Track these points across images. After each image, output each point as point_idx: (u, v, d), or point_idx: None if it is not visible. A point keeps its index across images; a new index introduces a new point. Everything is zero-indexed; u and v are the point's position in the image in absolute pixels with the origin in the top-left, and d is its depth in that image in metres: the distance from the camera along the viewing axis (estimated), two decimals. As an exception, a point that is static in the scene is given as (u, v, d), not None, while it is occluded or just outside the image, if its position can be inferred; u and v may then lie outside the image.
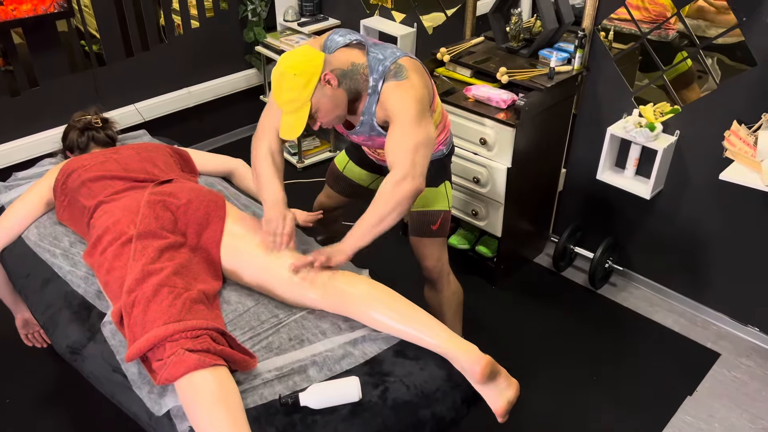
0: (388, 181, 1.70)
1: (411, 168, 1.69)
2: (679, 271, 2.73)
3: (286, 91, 1.69)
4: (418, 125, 1.72)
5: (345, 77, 1.75)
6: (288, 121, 1.72)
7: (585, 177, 2.84)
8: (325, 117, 1.76)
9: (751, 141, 2.21)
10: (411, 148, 1.69)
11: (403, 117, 1.72)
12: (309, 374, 1.58)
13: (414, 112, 1.72)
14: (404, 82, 1.74)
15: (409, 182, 1.68)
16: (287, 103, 1.70)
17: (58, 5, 2.89)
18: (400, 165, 1.69)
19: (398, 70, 1.75)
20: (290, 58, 1.70)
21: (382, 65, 1.76)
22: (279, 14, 3.63)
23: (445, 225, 2.10)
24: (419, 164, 1.70)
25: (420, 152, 1.71)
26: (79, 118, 2.25)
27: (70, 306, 1.80)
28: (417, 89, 1.75)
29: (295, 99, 1.69)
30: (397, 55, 1.78)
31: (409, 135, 1.70)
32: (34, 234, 2.02)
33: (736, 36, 2.20)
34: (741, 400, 2.36)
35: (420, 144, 1.71)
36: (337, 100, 1.75)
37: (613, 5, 2.46)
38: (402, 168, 1.69)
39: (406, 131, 1.71)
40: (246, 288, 1.83)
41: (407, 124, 1.71)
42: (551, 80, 2.48)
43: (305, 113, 1.71)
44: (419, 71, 1.79)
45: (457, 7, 2.98)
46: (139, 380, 1.57)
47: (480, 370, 1.56)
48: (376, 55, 1.78)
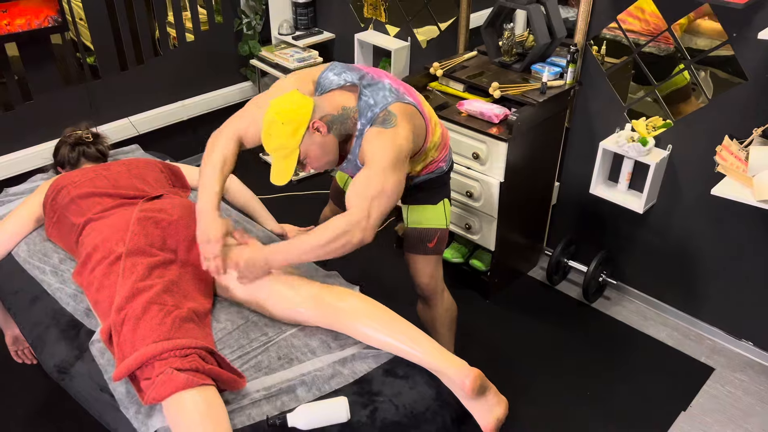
0: (339, 223, 1.67)
1: (365, 218, 1.67)
2: (672, 285, 2.72)
3: (275, 137, 1.69)
4: (384, 176, 1.68)
5: (335, 123, 1.74)
6: (278, 166, 1.72)
7: (578, 191, 2.84)
8: (315, 163, 1.76)
9: (743, 156, 2.21)
10: (371, 195, 1.67)
11: (375, 163, 1.69)
12: (297, 394, 1.57)
13: (387, 160, 1.69)
14: (389, 131, 1.72)
15: (359, 233, 1.66)
16: (276, 149, 1.70)
17: (52, 20, 2.90)
18: (356, 211, 1.67)
19: (386, 118, 1.73)
20: (280, 105, 1.70)
21: (371, 111, 1.75)
22: (274, 28, 3.64)
23: (441, 243, 2.09)
24: (374, 216, 1.68)
25: (378, 202, 1.68)
26: (70, 133, 2.25)
27: (58, 324, 1.79)
28: (399, 139, 1.71)
29: (283, 146, 1.69)
30: (389, 101, 1.75)
31: (375, 181, 1.68)
32: (24, 250, 2.01)
33: (727, 50, 2.21)
34: (735, 415, 2.35)
35: (382, 193, 1.68)
36: (327, 147, 1.74)
37: (605, 20, 2.47)
38: (357, 214, 1.66)
39: (373, 177, 1.68)
40: (235, 305, 1.83)
41: (376, 171, 1.68)
42: (544, 95, 2.48)
43: (293, 160, 1.70)
44: (409, 118, 1.76)
45: (451, 21, 2.99)
46: (127, 400, 1.56)
47: (469, 384, 1.55)
48: (367, 100, 1.76)
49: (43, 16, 2.87)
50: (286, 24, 3.60)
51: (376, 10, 3.31)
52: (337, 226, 1.67)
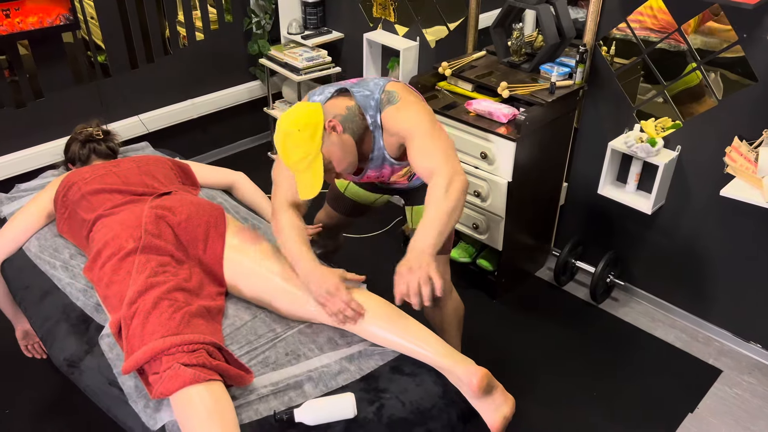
0: (438, 186, 1.63)
1: (452, 168, 1.65)
2: (680, 286, 2.71)
3: (294, 148, 1.64)
4: (438, 131, 1.70)
5: (346, 121, 1.72)
6: (304, 180, 1.67)
7: (586, 191, 2.84)
8: (340, 165, 1.71)
9: (752, 157, 2.21)
10: (441, 153, 1.67)
11: (419, 129, 1.69)
12: (305, 390, 1.58)
13: (427, 122, 1.70)
14: (401, 104, 1.73)
15: (457, 180, 1.64)
16: (299, 161, 1.65)
17: (64, 18, 2.92)
18: (440, 170, 1.65)
19: (390, 97, 1.74)
20: (289, 117, 1.67)
21: (373, 99, 1.75)
22: (283, 27, 3.65)
23: (448, 242, 2.09)
24: (456, 162, 1.68)
25: (451, 153, 1.68)
26: (81, 130, 2.27)
27: (68, 318, 1.81)
28: (417, 104, 1.74)
29: (305, 154, 1.64)
30: (381, 84, 1.76)
31: (433, 143, 1.68)
32: (35, 246, 2.03)
33: (737, 52, 2.20)
34: (742, 418, 2.34)
35: (447, 148, 1.68)
36: (346, 145, 1.71)
37: (615, 20, 2.47)
38: (443, 171, 1.65)
39: (427, 141, 1.68)
40: (243, 302, 1.84)
41: (427, 134, 1.69)
42: (552, 95, 2.48)
43: (319, 166, 1.65)
44: (408, 90, 1.79)
45: (460, 21, 3.00)
46: (135, 394, 1.57)
47: (476, 383, 1.55)
48: (362, 93, 1.76)
49: (55, 14, 2.89)
50: (296, 23, 3.61)
51: (385, 10, 3.31)
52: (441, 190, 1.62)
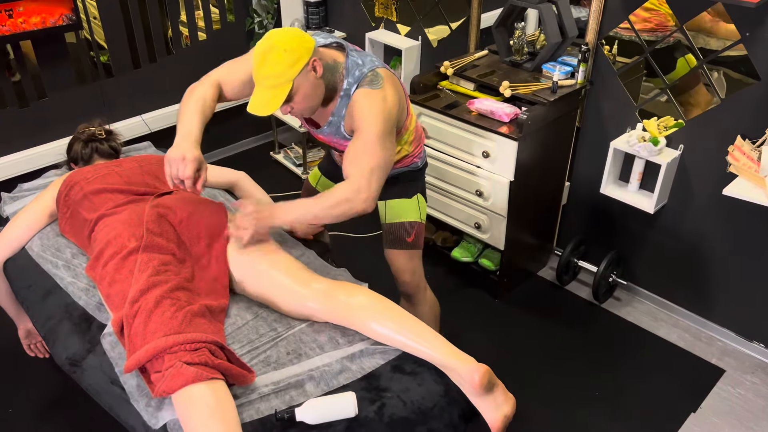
0: (341, 191, 1.70)
1: (366, 187, 1.69)
2: (683, 285, 2.71)
3: (272, 64, 1.62)
4: (380, 145, 1.70)
5: (328, 70, 1.73)
6: (263, 96, 1.65)
7: (589, 190, 2.83)
8: (301, 104, 1.71)
9: (755, 156, 2.20)
10: (370, 166, 1.69)
11: (367, 132, 1.70)
12: (306, 389, 1.58)
13: (379, 129, 1.70)
14: (377, 92, 1.72)
15: (359, 203, 1.69)
16: (268, 77, 1.64)
17: (67, 18, 2.93)
18: (356, 180, 1.69)
19: (374, 78, 1.74)
20: (282, 35, 1.65)
21: (359, 70, 1.75)
22: (285, 27, 3.65)
23: (419, 237, 2.10)
24: (372, 188, 1.70)
25: (377, 173, 1.71)
26: (84, 129, 2.28)
27: (70, 317, 1.81)
28: (388, 102, 1.73)
29: (278, 75, 1.63)
30: (376, 64, 1.77)
31: (370, 154, 1.70)
32: (37, 245, 2.03)
33: (739, 50, 2.20)
34: (745, 418, 2.33)
35: (377, 167, 1.70)
36: (317, 90, 1.72)
37: (617, 19, 2.47)
38: (356, 185, 1.69)
39: (368, 149, 1.70)
40: (245, 301, 1.84)
41: (370, 142, 1.70)
42: (554, 94, 2.48)
43: (284, 92, 1.65)
44: (395, 85, 1.78)
45: (462, 20, 3.00)
46: (137, 393, 1.57)
47: (478, 380, 1.55)
48: (355, 60, 1.77)
49: (57, 14, 2.90)
50: (298, 23, 3.61)
51: (387, 10, 3.32)
52: (340, 195, 1.70)
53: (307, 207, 1.76)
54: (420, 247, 2.12)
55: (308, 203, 1.76)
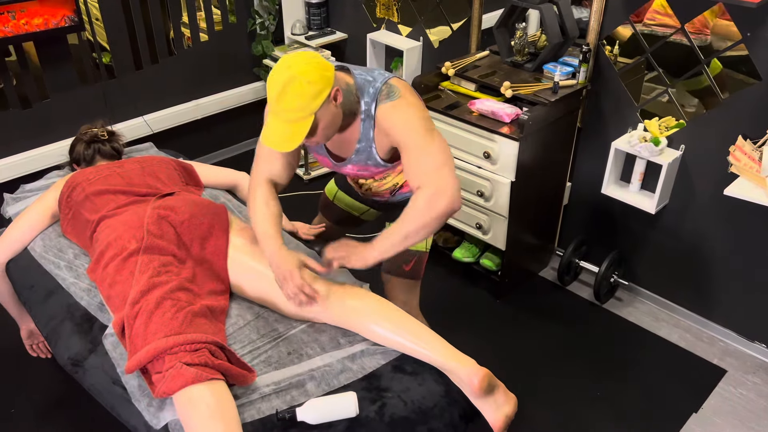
0: (420, 197, 1.59)
1: (443, 184, 1.58)
2: (685, 286, 2.70)
3: (293, 97, 1.51)
4: (432, 143, 1.61)
5: (345, 96, 1.64)
6: (283, 131, 1.55)
7: (590, 191, 2.83)
8: (321, 135, 1.61)
9: (756, 156, 2.20)
10: (435, 167, 1.59)
11: (412, 139, 1.61)
12: (307, 389, 1.58)
13: (422, 130, 1.61)
14: (399, 102, 1.64)
15: (444, 198, 1.58)
16: (289, 110, 1.53)
17: (69, 19, 2.94)
18: (427, 185, 1.59)
19: (390, 90, 1.65)
20: (302, 64, 1.53)
21: (373, 87, 1.66)
22: (287, 28, 3.66)
23: (418, 267, 2.01)
24: (451, 181, 1.59)
25: (444, 169, 1.60)
26: (86, 131, 2.29)
27: (72, 318, 1.82)
28: (415, 106, 1.65)
29: (300, 108, 1.52)
30: (386, 76, 1.68)
31: (428, 155, 1.60)
32: (40, 245, 2.04)
33: (740, 50, 2.19)
34: (747, 418, 2.33)
35: (441, 162, 1.60)
36: (337, 118, 1.62)
37: (618, 19, 2.47)
38: (430, 187, 1.59)
39: (423, 152, 1.60)
40: (246, 301, 1.84)
41: (421, 146, 1.60)
42: (555, 94, 2.48)
43: (306, 126, 1.54)
44: (411, 90, 1.70)
45: (463, 21, 3.00)
46: (139, 393, 1.58)
47: (478, 383, 1.55)
48: (364, 77, 1.67)
49: (60, 15, 2.91)
50: (299, 24, 3.62)
51: (388, 10, 3.32)
52: (421, 203, 1.59)
53: (393, 240, 1.63)
54: (418, 278, 2.03)
55: (394, 228, 1.63)
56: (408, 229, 1.62)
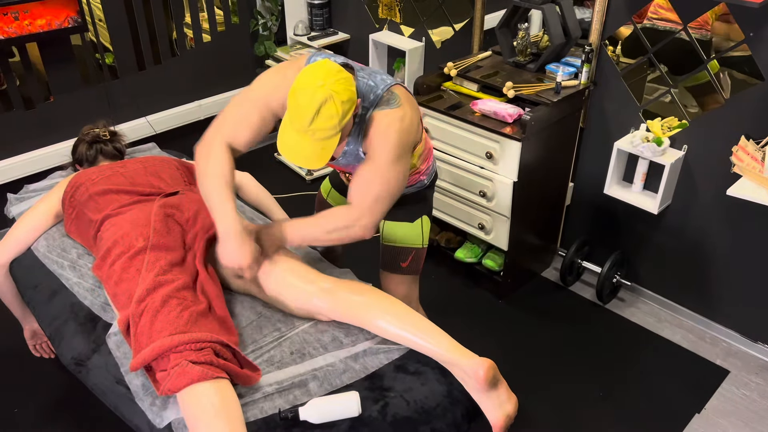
0: (341, 216, 1.68)
1: (365, 217, 1.66)
2: (687, 286, 2.70)
3: (328, 118, 1.49)
4: (391, 172, 1.64)
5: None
6: (312, 149, 1.53)
7: (593, 191, 2.83)
8: (341, 146, 1.68)
9: (759, 156, 2.20)
10: (372, 197, 1.65)
11: (379, 157, 1.63)
12: (309, 388, 1.58)
13: (392, 155, 1.62)
14: (395, 111, 1.63)
15: (358, 230, 1.68)
16: (323, 129, 1.50)
17: (72, 20, 2.94)
18: (358, 207, 1.67)
19: (391, 98, 1.64)
20: (334, 82, 1.50)
21: (374, 93, 1.64)
22: (289, 28, 3.67)
23: (416, 262, 2.03)
24: (374, 216, 1.67)
25: (380, 203, 1.67)
26: (88, 131, 2.29)
27: (76, 318, 1.82)
28: (405, 122, 1.63)
29: (333, 127, 1.50)
30: (388, 82, 1.66)
31: (378, 181, 1.64)
32: (43, 245, 2.04)
33: (743, 50, 2.19)
34: (750, 419, 2.33)
35: (383, 196, 1.65)
36: (350, 128, 1.64)
37: (620, 20, 2.47)
38: (357, 212, 1.67)
39: (377, 175, 1.64)
40: (249, 301, 1.85)
41: (380, 168, 1.63)
42: (558, 94, 2.48)
43: (336, 141, 1.53)
44: (411, 101, 1.69)
45: (465, 21, 3.00)
46: (142, 392, 1.58)
47: (483, 374, 1.55)
48: (366, 81, 1.66)
49: (63, 16, 2.92)
50: (302, 25, 3.62)
51: (390, 11, 3.32)
52: (339, 221, 1.69)
53: (309, 228, 1.74)
54: (416, 273, 2.05)
55: (311, 224, 1.74)
56: (316, 234, 1.72)
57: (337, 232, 1.69)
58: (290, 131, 1.54)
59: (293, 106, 1.52)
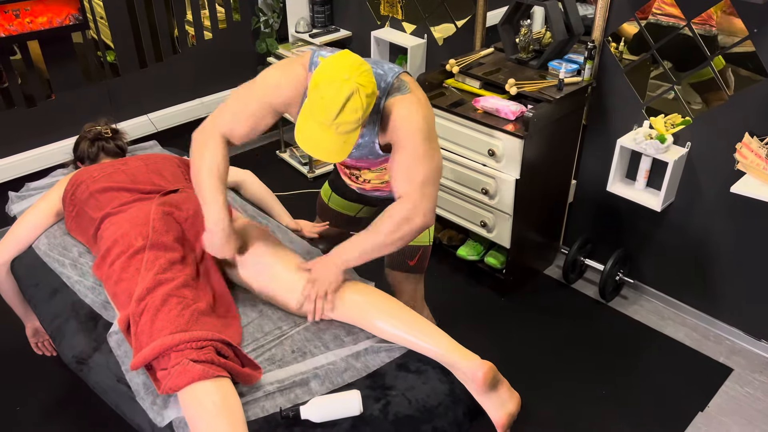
0: (396, 212, 1.61)
1: (421, 203, 1.61)
2: (691, 284, 2.69)
3: (353, 111, 1.46)
4: (427, 154, 1.60)
5: None
6: (336, 142, 1.50)
7: (595, 189, 2.82)
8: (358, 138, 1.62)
9: (763, 153, 2.18)
10: (420, 181, 1.60)
11: (410, 142, 1.59)
12: (311, 387, 1.58)
13: (422, 136, 1.59)
14: (409, 96, 1.61)
15: (418, 219, 1.61)
16: (347, 123, 1.47)
17: (74, 18, 2.94)
18: (409, 198, 1.61)
19: (401, 85, 1.63)
20: (359, 75, 1.47)
21: (384, 81, 1.62)
22: (291, 26, 3.66)
23: (423, 260, 2.01)
24: (429, 200, 1.62)
25: (429, 186, 1.61)
26: (90, 128, 2.29)
27: (77, 316, 1.82)
28: (423, 105, 1.62)
29: (356, 120, 1.48)
30: (396, 70, 1.65)
31: (418, 165, 1.59)
32: (44, 244, 2.04)
33: (747, 47, 2.18)
34: (754, 417, 2.32)
35: (429, 178, 1.61)
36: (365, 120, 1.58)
37: (624, 16, 2.45)
38: (411, 202, 1.61)
39: (416, 160, 1.59)
40: (250, 300, 1.84)
41: (415, 153, 1.59)
42: (560, 91, 2.47)
43: (357, 134, 1.51)
44: (419, 88, 1.67)
45: (468, 18, 2.99)
46: (143, 391, 1.58)
47: (482, 376, 1.55)
48: (376, 71, 1.64)
49: (64, 14, 2.91)
50: (303, 22, 3.62)
51: (392, 8, 3.31)
52: (397, 216, 1.61)
53: (366, 241, 1.66)
54: (422, 271, 2.04)
55: (365, 237, 1.66)
56: (379, 242, 1.64)
57: (399, 231, 1.62)
58: (312, 124, 1.50)
59: (317, 99, 1.48)
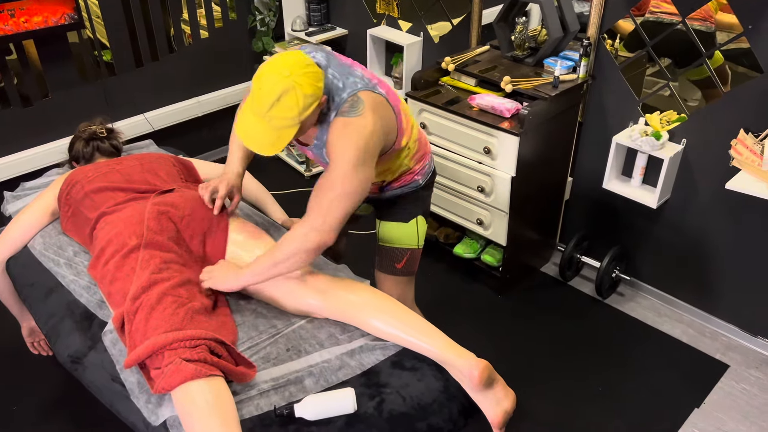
0: (297, 229, 1.62)
1: (321, 222, 1.59)
2: (687, 280, 2.69)
3: (288, 108, 1.50)
4: (352, 174, 1.58)
5: None
6: (268, 136, 1.53)
7: (591, 186, 2.82)
8: (299, 137, 1.64)
9: (758, 150, 2.18)
10: (330, 199, 1.59)
11: (337, 165, 1.59)
12: (305, 385, 1.58)
13: (352, 161, 1.58)
14: (355, 122, 1.59)
15: (314, 236, 1.59)
16: (281, 119, 1.51)
17: (69, 17, 2.93)
18: (312, 215, 1.61)
19: (354, 104, 1.60)
20: (300, 75, 1.50)
21: (339, 96, 1.62)
22: (287, 24, 3.65)
23: (411, 263, 2.01)
24: (332, 218, 1.60)
25: (338, 203, 1.59)
26: (85, 128, 2.28)
27: (72, 315, 1.82)
28: (366, 131, 1.59)
29: (292, 118, 1.51)
30: (358, 87, 1.62)
31: (334, 185, 1.59)
32: (39, 243, 2.04)
33: (742, 43, 2.18)
34: (750, 413, 2.32)
35: (340, 196, 1.59)
36: (314, 120, 1.61)
37: (619, 13, 2.45)
38: (312, 219, 1.60)
39: (334, 181, 1.59)
40: (244, 298, 1.84)
41: (337, 177, 1.59)
42: (556, 89, 2.47)
43: (293, 133, 1.53)
44: (376, 109, 1.63)
45: (463, 16, 2.99)
46: (138, 390, 1.58)
47: (477, 375, 1.54)
48: (336, 83, 1.63)
49: (60, 13, 2.91)
50: (299, 20, 3.61)
51: (388, 6, 3.31)
52: (294, 232, 1.62)
53: (263, 266, 1.66)
54: (411, 274, 2.04)
55: (264, 261, 1.66)
56: (277, 257, 1.64)
57: (293, 248, 1.61)
58: (249, 114, 1.55)
59: (256, 89, 1.53)
